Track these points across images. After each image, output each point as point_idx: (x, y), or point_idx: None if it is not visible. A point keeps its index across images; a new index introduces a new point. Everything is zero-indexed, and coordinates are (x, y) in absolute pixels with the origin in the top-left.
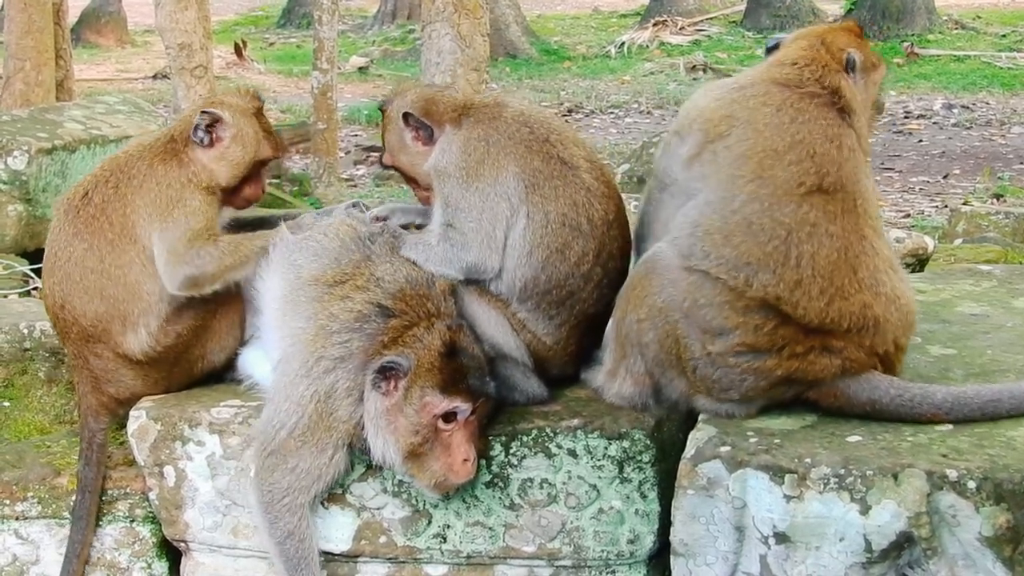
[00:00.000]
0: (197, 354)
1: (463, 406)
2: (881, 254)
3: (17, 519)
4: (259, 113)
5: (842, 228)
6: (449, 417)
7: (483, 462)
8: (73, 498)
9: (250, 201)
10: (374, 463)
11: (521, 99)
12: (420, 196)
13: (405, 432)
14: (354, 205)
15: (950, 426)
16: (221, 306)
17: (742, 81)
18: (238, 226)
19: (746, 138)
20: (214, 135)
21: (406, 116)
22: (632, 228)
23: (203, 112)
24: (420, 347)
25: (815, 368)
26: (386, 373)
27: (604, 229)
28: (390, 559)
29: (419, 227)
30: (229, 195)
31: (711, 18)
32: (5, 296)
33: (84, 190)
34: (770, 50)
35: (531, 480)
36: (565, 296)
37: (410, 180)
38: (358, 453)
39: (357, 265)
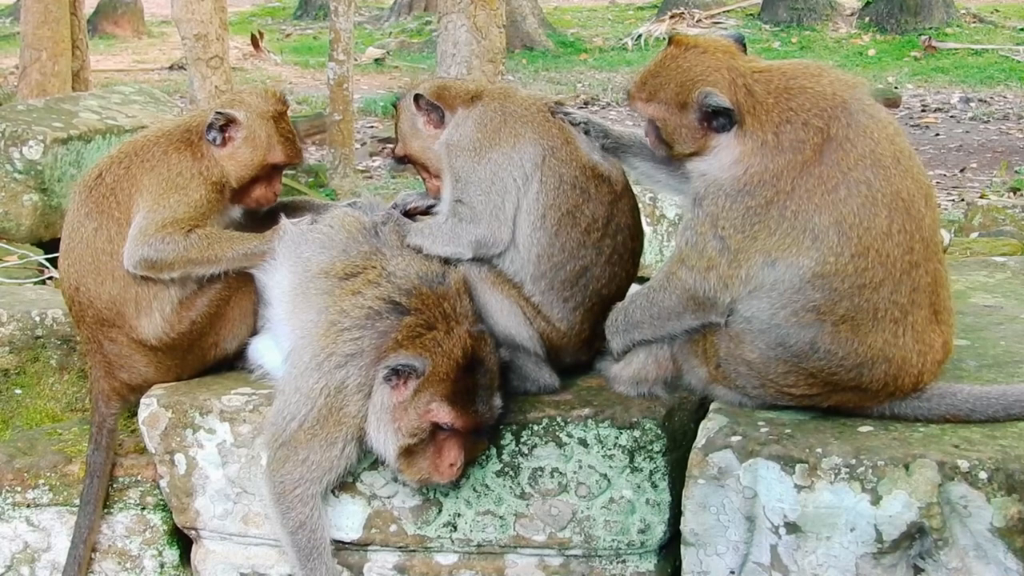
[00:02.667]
0: (210, 342)
1: (465, 425)
2: (945, 267)
3: (28, 506)
4: (279, 117)
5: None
6: (449, 427)
7: (494, 451)
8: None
9: (260, 204)
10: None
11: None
12: (431, 186)
13: (405, 432)
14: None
15: None
16: (235, 294)
17: None
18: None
19: None
20: (227, 135)
21: (417, 98)
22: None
23: (218, 112)
24: (439, 352)
25: (866, 404)
26: (400, 371)
27: (611, 198)
28: (400, 548)
29: (429, 210)
30: (239, 195)
31: (728, 11)
32: (20, 285)
33: (99, 171)
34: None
35: (542, 469)
36: (579, 272)
37: (421, 168)
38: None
39: (367, 257)
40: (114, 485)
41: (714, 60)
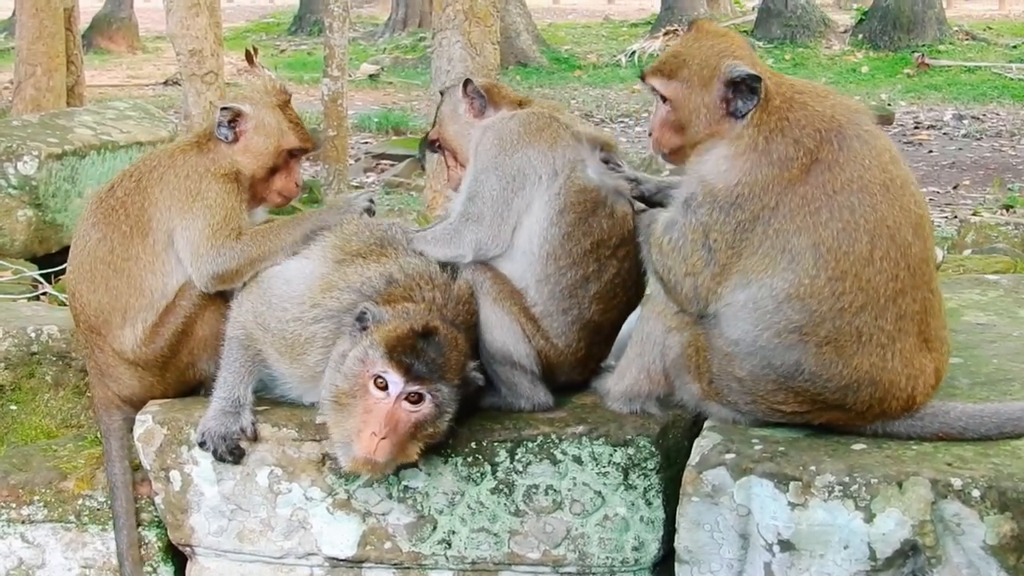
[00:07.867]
0: (185, 361)
1: (396, 379)
2: (939, 298)
3: (23, 523)
4: (285, 105)
5: (920, 301)
6: (382, 385)
7: (488, 468)
8: (79, 502)
9: (284, 196)
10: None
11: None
12: (453, 175)
13: (342, 377)
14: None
15: None
16: (203, 312)
17: None
18: None
19: None
20: (237, 129)
21: (467, 83)
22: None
23: (223, 108)
24: (402, 317)
25: (856, 423)
26: (363, 322)
27: (629, 226)
28: (395, 565)
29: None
30: (261, 190)
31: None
32: (14, 300)
33: (111, 184)
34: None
35: (536, 487)
36: (580, 282)
37: (450, 155)
38: None
39: (382, 244)
40: (108, 504)
41: (738, 41)
